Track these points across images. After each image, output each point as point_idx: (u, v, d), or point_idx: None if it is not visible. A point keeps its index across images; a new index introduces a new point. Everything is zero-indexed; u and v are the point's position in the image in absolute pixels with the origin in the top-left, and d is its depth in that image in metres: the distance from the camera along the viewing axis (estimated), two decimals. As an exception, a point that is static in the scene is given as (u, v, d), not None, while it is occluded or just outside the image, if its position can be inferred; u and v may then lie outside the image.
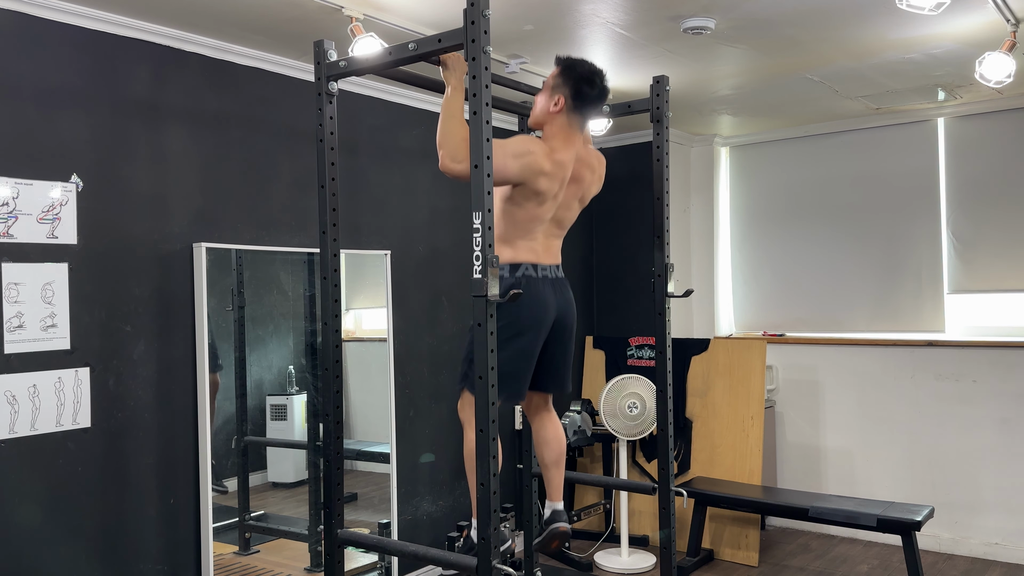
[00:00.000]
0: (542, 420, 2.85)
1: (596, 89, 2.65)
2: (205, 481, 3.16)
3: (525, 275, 2.59)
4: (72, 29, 2.86)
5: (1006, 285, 4.59)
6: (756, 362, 4.70)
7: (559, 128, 2.63)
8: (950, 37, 3.40)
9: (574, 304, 2.77)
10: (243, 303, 3.43)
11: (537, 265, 2.63)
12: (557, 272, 2.71)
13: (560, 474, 2.81)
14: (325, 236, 2.60)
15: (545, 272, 2.65)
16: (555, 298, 2.66)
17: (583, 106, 2.65)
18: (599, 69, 2.68)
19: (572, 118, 2.64)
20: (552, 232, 2.71)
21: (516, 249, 2.59)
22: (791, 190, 5.30)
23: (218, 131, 3.30)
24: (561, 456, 2.83)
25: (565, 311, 2.71)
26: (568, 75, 2.63)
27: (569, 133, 2.64)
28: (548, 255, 2.68)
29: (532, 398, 2.82)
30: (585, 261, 5.44)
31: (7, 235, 2.67)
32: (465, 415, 2.67)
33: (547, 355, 2.72)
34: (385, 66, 2.50)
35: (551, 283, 2.66)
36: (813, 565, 4.49)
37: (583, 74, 2.63)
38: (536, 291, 2.60)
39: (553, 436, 2.83)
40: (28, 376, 2.71)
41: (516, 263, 2.59)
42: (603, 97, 2.70)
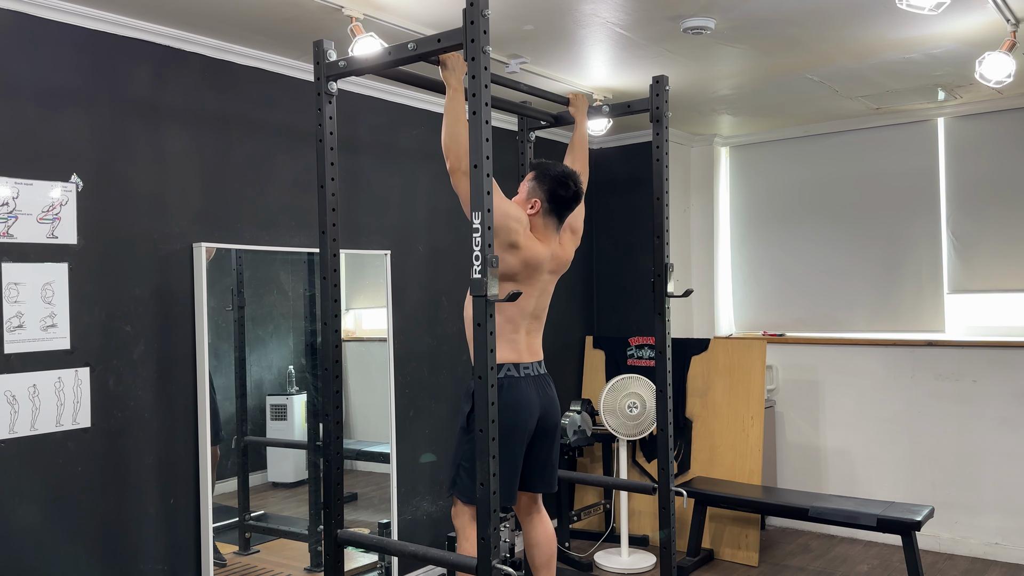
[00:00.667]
0: (532, 521, 2.89)
1: (570, 192, 2.78)
2: (205, 481, 3.16)
3: (507, 375, 2.63)
4: (72, 29, 2.86)
5: (1006, 285, 4.59)
6: (756, 362, 4.70)
7: (536, 229, 2.76)
8: (950, 37, 3.40)
9: (557, 401, 2.84)
10: (243, 303, 3.43)
11: (519, 364, 2.68)
12: (539, 369, 2.77)
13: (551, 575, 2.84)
14: (325, 236, 2.61)
15: (527, 370, 2.70)
16: (538, 398, 2.72)
17: (558, 208, 2.77)
18: (571, 171, 2.81)
19: (548, 219, 2.77)
20: (532, 328, 2.79)
21: (499, 349, 2.62)
22: (791, 190, 5.30)
23: (218, 131, 3.30)
24: (552, 558, 2.86)
25: (548, 410, 2.77)
26: (542, 180, 2.77)
27: (546, 233, 2.77)
28: (530, 352, 2.75)
29: (521, 498, 2.86)
30: (585, 261, 5.43)
31: (7, 235, 2.67)
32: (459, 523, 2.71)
33: (533, 455, 2.76)
34: (385, 66, 2.50)
35: (534, 382, 2.71)
36: (813, 565, 4.49)
37: (556, 177, 2.77)
38: (519, 393, 2.65)
39: (543, 538, 2.87)
40: (28, 376, 2.71)
41: (499, 364, 2.63)
42: (577, 199, 2.83)
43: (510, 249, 2.58)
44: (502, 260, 2.55)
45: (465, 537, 2.66)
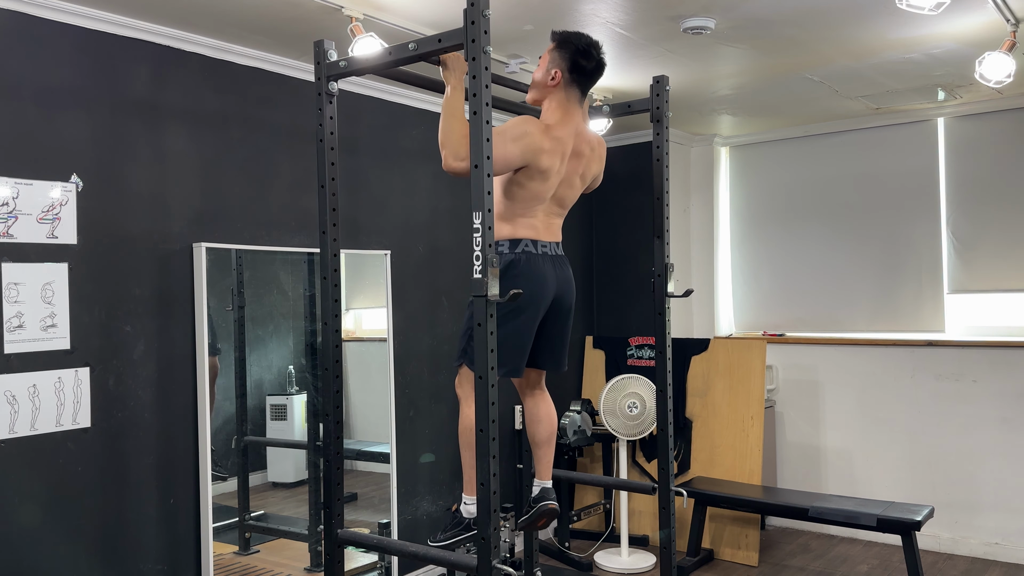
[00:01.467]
0: (535, 398, 2.84)
1: (593, 61, 2.62)
2: (205, 481, 3.16)
3: (525, 251, 2.57)
4: (72, 29, 2.86)
5: (1006, 285, 4.59)
6: (756, 362, 4.70)
7: (557, 103, 2.61)
8: (950, 37, 3.40)
9: (573, 282, 2.74)
10: (243, 303, 3.43)
11: (537, 241, 2.60)
12: (557, 249, 2.69)
13: (550, 452, 2.80)
14: (325, 236, 2.60)
15: (545, 249, 2.62)
16: (555, 275, 2.64)
17: (580, 79, 2.62)
18: (595, 41, 2.65)
19: (570, 92, 2.62)
20: (553, 211, 2.68)
21: (515, 226, 2.57)
22: (791, 190, 5.30)
23: (218, 131, 3.30)
24: (552, 434, 2.81)
25: (564, 288, 2.69)
26: (564, 49, 2.61)
27: (567, 107, 2.62)
28: (548, 232, 2.66)
29: (528, 374, 2.79)
30: (585, 261, 5.43)
31: (7, 235, 2.67)
32: (463, 390, 2.64)
33: (545, 332, 2.70)
34: (385, 66, 2.50)
35: (551, 260, 2.64)
36: (813, 565, 4.49)
37: (579, 47, 2.60)
38: (536, 267, 2.58)
39: (545, 414, 2.81)
40: (28, 376, 2.71)
41: (516, 239, 2.56)
42: (600, 70, 2.67)
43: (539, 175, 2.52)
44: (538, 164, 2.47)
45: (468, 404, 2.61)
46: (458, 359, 2.66)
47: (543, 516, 2.71)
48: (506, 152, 2.39)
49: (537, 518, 2.72)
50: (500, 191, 2.52)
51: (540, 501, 2.72)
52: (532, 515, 2.72)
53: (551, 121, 2.58)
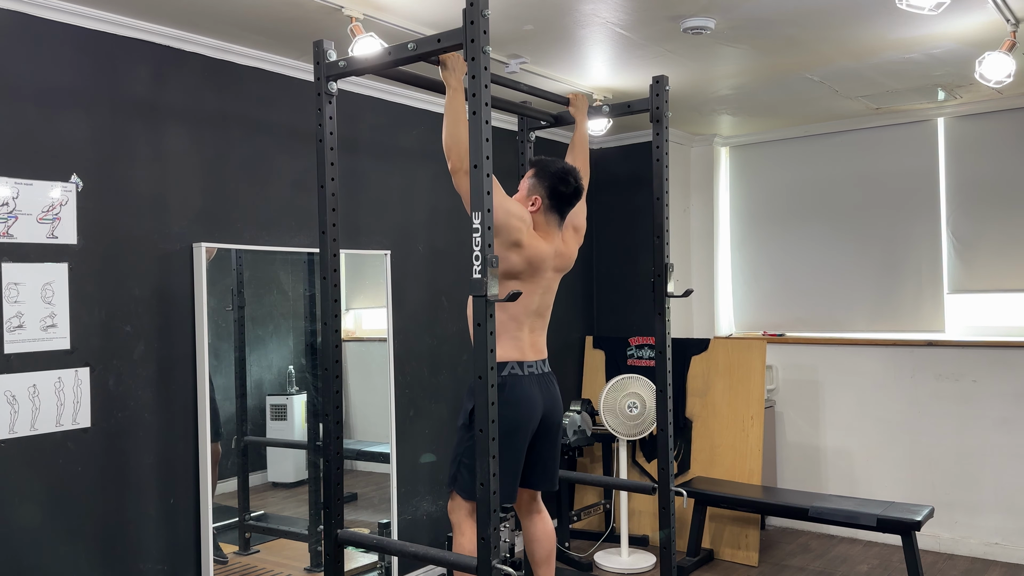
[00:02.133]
0: (532, 518, 2.89)
1: (570, 188, 2.77)
2: (205, 481, 3.16)
3: (511, 374, 2.63)
4: (72, 29, 2.86)
5: (1006, 285, 4.59)
6: (756, 362, 4.70)
7: (538, 226, 2.75)
8: (950, 37, 3.40)
9: (560, 399, 2.84)
10: (243, 303, 3.43)
11: (523, 363, 2.68)
12: (543, 367, 2.76)
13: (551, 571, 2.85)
14: (325, 236, 2.61)
15: (531, 369, 2.70)
16: (542, 396, 2.71)
17: (559, 204, 2.76)
18: (571, 167, 2.80)
19: (549, 216, 2.76)
20: (537, 326, 2.78)
21: (502, 347, 2.63)
22: (791, 190, 5.30)
23: (218, 131, 3.30)
24: (551, 552, 2.87)
25: (552, 408, 2.76)
26: (541, 177, 2.76)
27: (548, 231, 2.76)
28: (534, 351, 2.74)
29: (521, 495, 2.87)
30: (585, 261, 5.43)
31: (7, 235, 2.67)
32: (455, 518, 2.71)
33: (535, 453, 2.77)
34: (385, 66, 2.50)
35: (537, 380, 2.71)
36: (813, 565, 4.49)
37: (556, 174, 2.76)
38: (522, 391, 2.64)
39: (543, 534, 2.87)
40: (28, 376, 2.71)
41: (503, 361, 2.63)
42: (578, 195, 2.82)
43: (513, 248, 2.58)
44: (505, 259, 2.55)
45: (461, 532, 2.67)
46: (449, 485, 2.72)
47: None
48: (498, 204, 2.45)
49: None
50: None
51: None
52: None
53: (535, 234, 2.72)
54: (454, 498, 2.70)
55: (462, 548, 2.63)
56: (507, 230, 2.53)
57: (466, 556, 2.30)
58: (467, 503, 2.66)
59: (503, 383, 2.59)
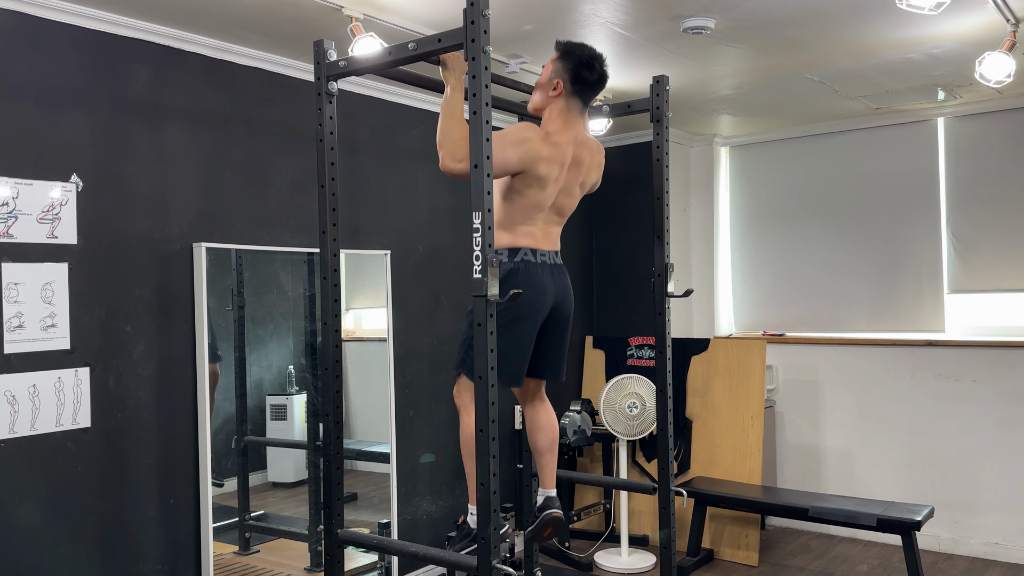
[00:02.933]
0: (535, 407, 2.84)
1: (595, 74, 2.65)
2: (205, 481, 3.16)
3: (524, 260, 2.57)
4: (72, 29, 2.86)
5: (1006, 285, 4.59)
6: (756, 362, 4.70)
7: (558, 112, 2.63)
8: (950, 37, 3.40)
9: (572, 291, 2.75)
10: (243, 303, 3.43)
11: (536, 250, 2.61)
12: (556, 258, 2.69)
13: (553, 460, 2.79)
14: (325, 236, 2.60)
15: (544, 258, 2.63)
16: (553, 284, 2.65)
17: (582, 90, 2.64)
18: (598, 53, 2.66)
19: (571, 102, 2.64)
20: (552, 219, 2.69)
21: (515, 234, 2.57)
22: (791, 190, 5.30)
23: (218, 131, 3.30)
24: (554, 442, 2.81)
25: (563, 298, 2.70)
26: (567, 59, 2.63)
27: (568, 117, 2.64)
28: (547, 241, 2.67)
29: (527, 384, 2.80)
30: (585, 261, 5.43)
31: (7, 235, 2.67)
32: (462, 400, 2.64)
33: (543, 341, 2.70)
34: (385, 66, 2.50)
35: (550, 269, 2.64)
36: (813, 565, 4.49)
37: (582, 58, 2.63)
38: (535, 277, 2.58)
39: (546, 422, 2.81)
40: (28, 376, 2.71)
41: (515, 247, 2.57)
42: (602, 82, 2.69)
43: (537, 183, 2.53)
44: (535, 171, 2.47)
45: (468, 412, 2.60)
46: (456, 368, 2.66)
47: (548, 526, 2.69)
48: (504, 156, 2.39)
49: (542, 528, 2.69)
50: (499, 198, 2.52)
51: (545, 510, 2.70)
52: (537, 526, 2.69)
53: (551, 129, 2.59)
54: (461, 381, 2.65)
55: (468, 428, 2.57)
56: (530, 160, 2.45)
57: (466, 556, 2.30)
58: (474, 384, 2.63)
59: (515, 268, 2.54)
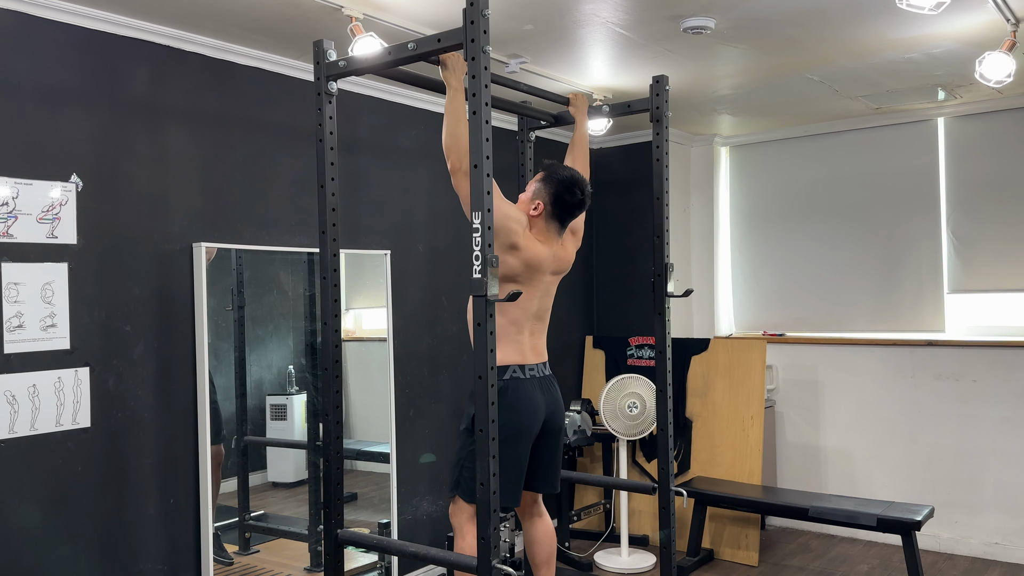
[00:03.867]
0: (532, 520, 2.89)
1: (576, 199, 2.75)
2: (205, 481, 3.16)
3: (513, 377, 2.63)
4: (72, 29, 2.86)
5: (1006, 285, 4.59)
6: (756, 362, 4.70)
7: (538, 230, 2.74)
8: (950, 37, 3.40)
9: (562, 402, 2.83)
10: (243, 303, 3.43)
11: (524, 366, 2.67)
12: (544, 370, 2.76)
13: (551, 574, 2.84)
14: (325, 236, 2.61)
15: (532, 372, 2.69)
16: (543, 399, 2.71)
17: (560, 213, 2.75)
18: (580, 178, 2.77)
19: (550, 223, 2.75)
20: (536, 329, 2.77)
21: (503, 351, 2.62)
22: (791, 190, 5.30)
23: (218, 131, 3.30)
24: (552, 555, 2.86)
25: (553, 410, 2.76)
26: (548, 183, 2.74)
27: (547, 236, 2.75)
28: (534, 354, 2.74)
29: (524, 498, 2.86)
30: (585, 261, 5.43)
31: (7, 235, 2.67)
32: (457, 521, 2.70)
33: (536, 455, 2.76)
34: (385, 66, 2.50)
35: (539, 383, 2.70)
36: (813, 565, 4.49)
37: (563, 182, 2.74)
38: (524, 394, 2.64)
39: (544, 535, 2.87)
40: (28, 376, 2.71)
41: (504, 365, 2.62)
42: (582, 207, 2.81)
43: (510, 250, 2.58)
44: (503, 261, 2.55)
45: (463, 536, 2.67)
46: (451, 490, 2.72)
47: None
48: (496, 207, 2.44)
49: None
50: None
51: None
52: None
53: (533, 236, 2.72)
54: (456, 502, 2.71)
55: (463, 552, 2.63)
56: (504, 232, 2.53)
57: (466, 556, 2.30)
58: (469, 507, 2.66)
59: (504, 387, 2.59)
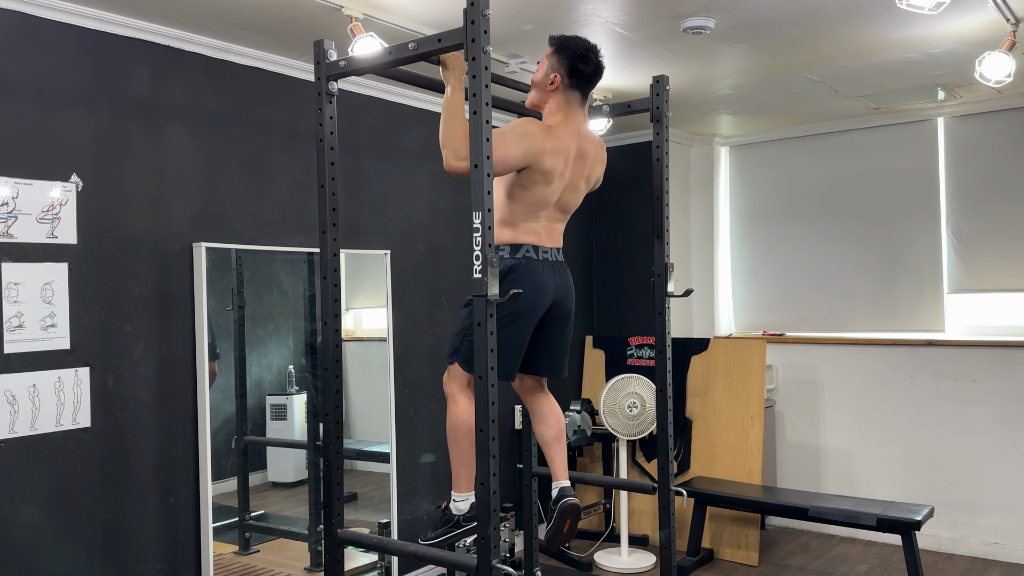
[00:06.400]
0: (538, 399, 2.82)
1: (591, 65, 2.64)
2: (205, 481, 3.16)
3: (526, 256, 2.57)
4: (72, 29, 2.86)
5: (1006, 285, 4.59)
6: (756, 362, 4.70)
7: (557, 106, 2.63)
8: (950, 37, 3.40)
9: (573, 288, 2.74)
10: (243, 303, 3.43)
11: (538, 247, 2.61)
12: (558, 255, 2.69)
13: (562, 450, 2.76)
14: (325, 236, 2.60)
15: (546, 255, 2.63)
16: (554, 282, 2.64)
17: (579, 83, 2.64)
18: (593, 45, 2.66)
19: (570, 95, 2.64)
20: (556, 216, 2.68)
21: (517, 230, 2.57)
22: (791, 190, 5.30)
23: (218, 131, 3.30)
24: (561, 432, 2.78)
25: (563, 294, 2.69)
26: (562, 54, 2.63)
27: (568, 111, 2.63)
28: (550, 238, 2.66)
29: (527, 380, 2.79)
30: (585, 261, 5.43)
31: (7, 235, 2.67)
32: (450, 389, 2.63)
33: (544, 338, 2.70)
34: (385, 66, 2.50)
35: (551, 266, 2.64)
36: (813, 565, 4.49)
37: (577, 51, 2.62)
38: (535, 273, 2.58)
39: (550, 412, 2.80)
40: (28, 376, 2.71)
41: (517, 244, 2.56)
42: (599, 73, 2.68)
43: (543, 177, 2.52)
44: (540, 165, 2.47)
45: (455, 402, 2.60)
46: (449, 357, 2.66)
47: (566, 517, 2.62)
48: (507, 152, 2.38)
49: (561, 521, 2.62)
50: (504, 194, 2.52)
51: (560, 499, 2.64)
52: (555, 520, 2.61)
53: (553, 123, 2.58)
54: (451, 369, 2.64)
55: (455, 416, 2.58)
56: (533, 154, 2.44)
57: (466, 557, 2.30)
58: (464, 374, 2.62)
59: (516, 264, 2.54)
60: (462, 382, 2.62)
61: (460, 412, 2.57)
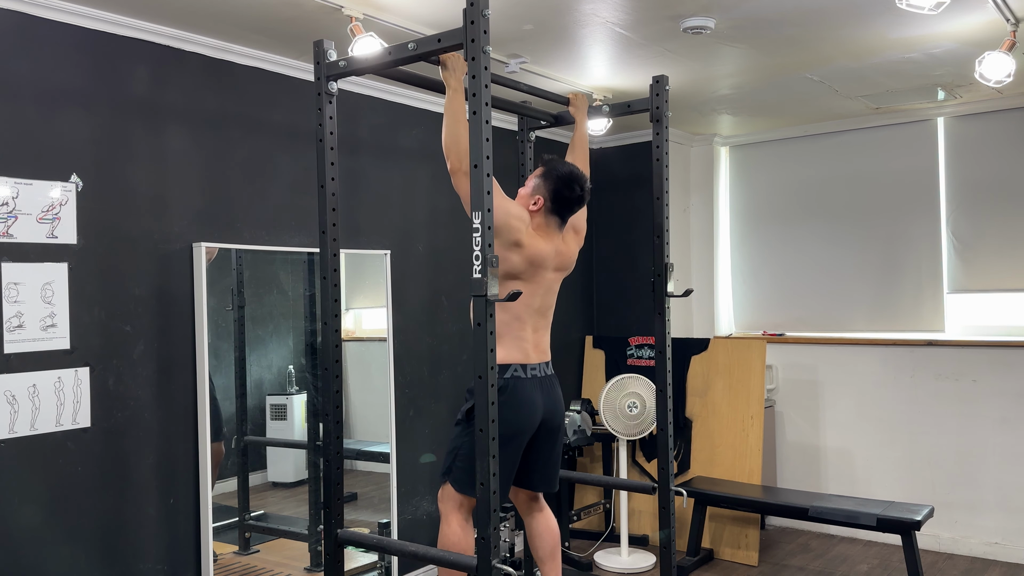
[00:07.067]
0: (533, 515, 2.90)
1: (575, 194, 2.75)
2: (205, 481, 3.16)
3: (514, 376, 2.63)
4: (72, 29, 2.86)
5: (1006, 285, 4.59)
6: (756, 362, 4.70)
7: (537, 225, 2.73)
8: (950, 37, 3.40)
9: (562, 401, 2.83)
10: (243, 303, 3.43)
11: (526, 365, 2.67)
12: (546, 370, 2.76)
13: (557, 567, 2.85)
14: (325, 236, 2.61)
15: (534, 372, 2.69)
16: (543, 399, 2.71)
17: (560, 209, 2.75)
18: (580, 174, 2.78)
19: (550, 219, 2.75)
20: (540, 326, 2.77)
21: (506, 348, 2.63)
22: (791, 190, 5.30)
23: (218, 131, 3.30)
24: (556, 548, 2.86)
25: (553, 410, 2.76)
26: (548, 178, 2.74)
27: (547, 231, 2.75)
28: (537, 352, 2.73)
29: (520, 495, 2.88)
30: (585, 261, 5.43)
31: (7, 235, 2.67)
32: (444, 508, 2.72)
33: (535, 454, 2.76)
34: (385, 66, 2.50)
35: (539, 383, 2.70)
36: (813, 565, 4.49)
37: (562, 177, 2.74)
38: (524, 394, 2.64)
39: (545, 528, 2.87)
40: (28, 376, 2.71)
41: (505, 364, 2.63)
42: (582, 201, 2.81)
43: (513, 247, 2.58)
44: (505, 259, 2.55)
45: (447, 523, 2.67)
46: (442, 476, 2.73)
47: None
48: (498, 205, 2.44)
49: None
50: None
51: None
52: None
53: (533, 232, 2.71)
54: (445, 488, 2.70)
55: (446, 536, 2.64)
56: (507, 230, 2.54)
57: (465, 556, 2.30)
58: (457, 495, 2.67)
59: (505, 385, 2.59)
60: (456, 502, 2.68)
61: (452, 535, 2.65)
